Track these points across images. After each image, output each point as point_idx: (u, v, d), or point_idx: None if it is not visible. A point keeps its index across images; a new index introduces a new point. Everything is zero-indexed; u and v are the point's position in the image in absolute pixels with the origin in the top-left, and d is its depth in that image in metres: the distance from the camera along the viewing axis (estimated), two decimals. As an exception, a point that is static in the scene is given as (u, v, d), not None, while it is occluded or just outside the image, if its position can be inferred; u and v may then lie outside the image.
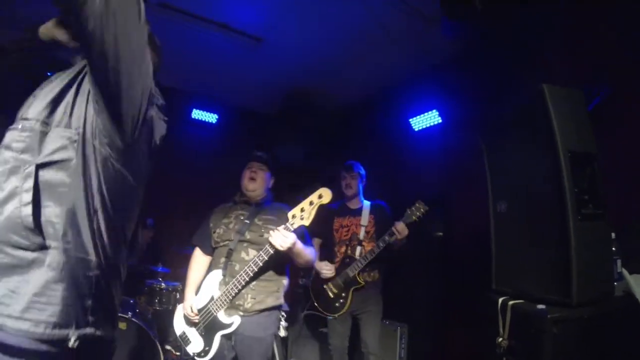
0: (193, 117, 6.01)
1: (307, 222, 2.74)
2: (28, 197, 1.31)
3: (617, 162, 2.65)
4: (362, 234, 3.96)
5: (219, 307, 2.93)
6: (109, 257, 1.46)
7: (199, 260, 3.28)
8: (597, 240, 2.11)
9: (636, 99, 2.84)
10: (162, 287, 4.54)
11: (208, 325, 2.98)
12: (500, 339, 2.20)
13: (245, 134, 6.06)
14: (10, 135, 1.42)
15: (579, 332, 1.96)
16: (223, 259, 3.04)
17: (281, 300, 3.08)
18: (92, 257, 1.40)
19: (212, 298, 2.98)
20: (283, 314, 3.14)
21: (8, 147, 1.39)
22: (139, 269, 4.54)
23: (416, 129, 4.95)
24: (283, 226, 2.75)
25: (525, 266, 2.33)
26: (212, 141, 6.10)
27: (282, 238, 2.71)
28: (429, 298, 4.53)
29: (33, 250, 1.31)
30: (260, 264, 2.81)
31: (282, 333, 4.46)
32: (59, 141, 1.39)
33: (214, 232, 3.17)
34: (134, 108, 1.45)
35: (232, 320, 2.90)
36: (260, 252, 2.82)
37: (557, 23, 3.34)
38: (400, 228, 3.60)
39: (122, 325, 3.82)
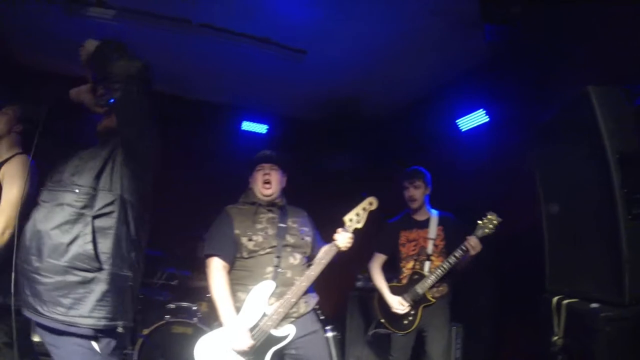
0: (243, 129, 6.16)
1: (360, 225, 2.95)
2: (89, 237, 2.08)
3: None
4: (430, 248, 3.75)
5: (274, 322, 2.73)
6: (136, 271, 2.28)
7: (222, 272, 2.90)
8: (649, 239, 2.11)
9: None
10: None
11: (263, 344, 2.73)
12: (555, 338, 2.24)
13: (295, 143, 6.15)
14: (69, 196, 2.12)
15: (632, 330, 1.98)
16: (270, 269, 2.83)
17: (316, 299, 3.09)
18: (129, 273, 2.21)
19: (265, 314, 2.75)
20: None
21: (70, 205, 2.11)
22: (199, 279, 4.75)
23: (463, 130, 4.92)
24: (342, 229, 2.91)
25: (578, 265, 2.36)
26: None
27: (348, 240, 2.88)
28: (483, 298, 4.49)
29: (93, 272, 2.07)
30: (322, 268, 2.88)
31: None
32: (105, 200, 2.15)
33: (249, 240, 2.89)
34: (151, 169, 2.35)
35: (287, 332, 2.75)
36: (324, 255, 2.89)
37: (596, 22, 3.30)
38: (474, 243, 3.42)
39: (188, 331, 4.06)
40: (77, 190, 2.12)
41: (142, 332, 4.06)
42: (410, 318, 3.69)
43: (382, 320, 3.86)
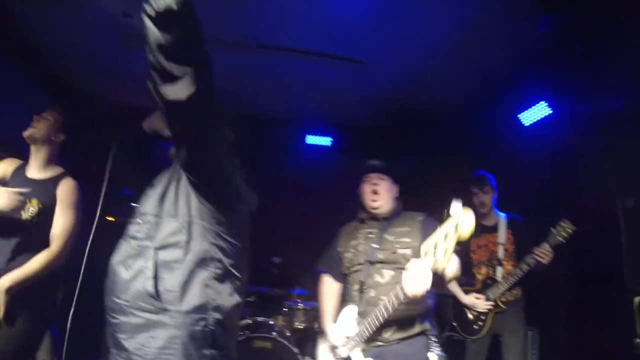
0: (307, 142, 6.25)
1: (444, 264, 1.97)
2: (150, 273, 1.76)
3: None
4: (501, 253, 3.73)
5: (354, 345, 2.58)
6: (225, 311, 1.84)
7: (328, 288, 2.96)
8: None
9: None
10: (300, 307, 4.80)
11: None
12: (638, 340, 2.13)
13: (360, 151, 6.10)
14: (133, 228, 1.91)
15: None
16: (356, 287, 2.70)
17: (427, 325, 2.61)
18: (210, 314, 1.79)
19: (347, 338, 2.65)
20: (433, 339, 2.60)
21: (133, 237, 1.88)
22: (276, 293, 4.85)
23: (526, 124, 4.77)
24: (415, 261, 2.11)
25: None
26: (329, 163, 6.25)
27: (416, 284, 2.08)
28: (559, 300, 4.31)
29: (156, 313, 1.73)
30: (390, 309, 2.34)
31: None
32: (170, 228, 1.84)
33: (344, 257, 2.85)
34: (225, 189, 1.93)
35: None
36: (391, 296, 2.32)
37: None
38: (546, 252, 3.32)
39: (267, 345, 4.14)
40: (139, 220, 1.91)
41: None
42: (480, 323, 3.69)
43: (454, 324, 3.87)
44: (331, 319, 2.84)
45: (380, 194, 2.75)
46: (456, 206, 2.00)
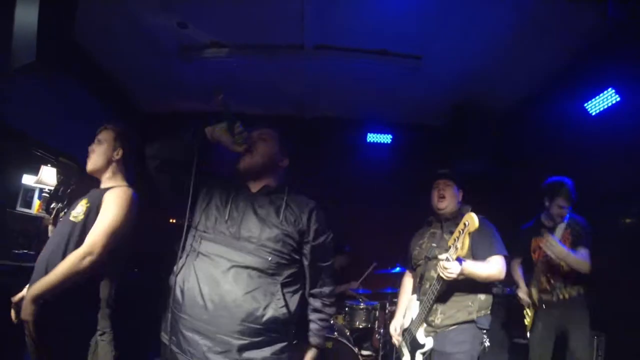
0: (368, 140, 6.29)
1: (463, 252, 2.59)
2: (282, 302, 2.01)
3: None
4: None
5: (416, 326, 2.99)
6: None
7: (405, 281, 3.42)
8: None
9: None
10: (362, 307, 4.83)
11: (411, 344, 3.04)
12: None
13: (420, 149, 6.14)
14: (257, 261, 2.05)
15: None
16: (417, 280, 3.12)
17: (474, 316, 2.90)
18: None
19: (412, 319, 3.06)
20: (483, 330, 2.91)
21: (258, 270, 2.05)
22: (337, 290, 4.87)
23: (593, 113, 4.53)
24: (445, 256, 2.66)
25: None
26: (390, 161, 6.26)
27: (446, 271, 2.64)
28: (630, 304, 3.96)
29: (284, 334, 2.05)
30: (437, 289, 2.80)
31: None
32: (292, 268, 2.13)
33: (413, 254, 3.25)
34: None
35: (426, 341, 2.92)
36: (434, 280, 2.82)
37: None
38: (546, 241, 3.48)
39: (329, 345, 4.17)
40: (269, 258, 2.05)
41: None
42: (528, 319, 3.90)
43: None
44: (401, 309, 3.28)
45: (446, 198, 3.12)
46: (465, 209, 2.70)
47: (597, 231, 3.58)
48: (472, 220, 2.51)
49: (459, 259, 2.63)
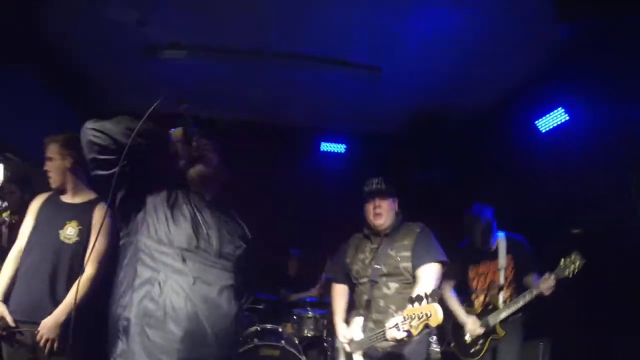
0: (322, 149, 6.24)
1: (415, 332, 2.24)
2: None
3: None
4: (501, 279, 3.69)
5: (357, 348, 2.90)
6: None
7: (337, 290, 3.29)
8: None
9: None
10: (310, 315, 4.75)
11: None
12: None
13: (374, 158, 6.07)
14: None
15: None
16: (365, 298, 2.97)
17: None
18: None
19: (352, 340, 2.94)
20: (433, 337, 2.94)
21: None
22: (287, 298, 4.81)
23: (543, 131, 4.69)
24: (395, 322, 2.32)
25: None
26: (343, 170, 6.19)
27: (394, 338, 2.35)
28: (573, 310, 4.15)
29: None
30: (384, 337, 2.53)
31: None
32: None
33: (353, 269, 3.12)
34: None
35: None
36: (385, 331, 2.47)
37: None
38: (548, 285, 3.27)
39: (275, 353, 4.10)
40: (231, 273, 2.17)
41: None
42: (478, 347, 3.66)
43: (452, 345, 3.85)
44: (341, 317, 3.15)
45: (382, 215, 3.00)
46: (434, 295, 2.20)
47: (544, 245, 3.64)
48: (435, 314, 2.14)
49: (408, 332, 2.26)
